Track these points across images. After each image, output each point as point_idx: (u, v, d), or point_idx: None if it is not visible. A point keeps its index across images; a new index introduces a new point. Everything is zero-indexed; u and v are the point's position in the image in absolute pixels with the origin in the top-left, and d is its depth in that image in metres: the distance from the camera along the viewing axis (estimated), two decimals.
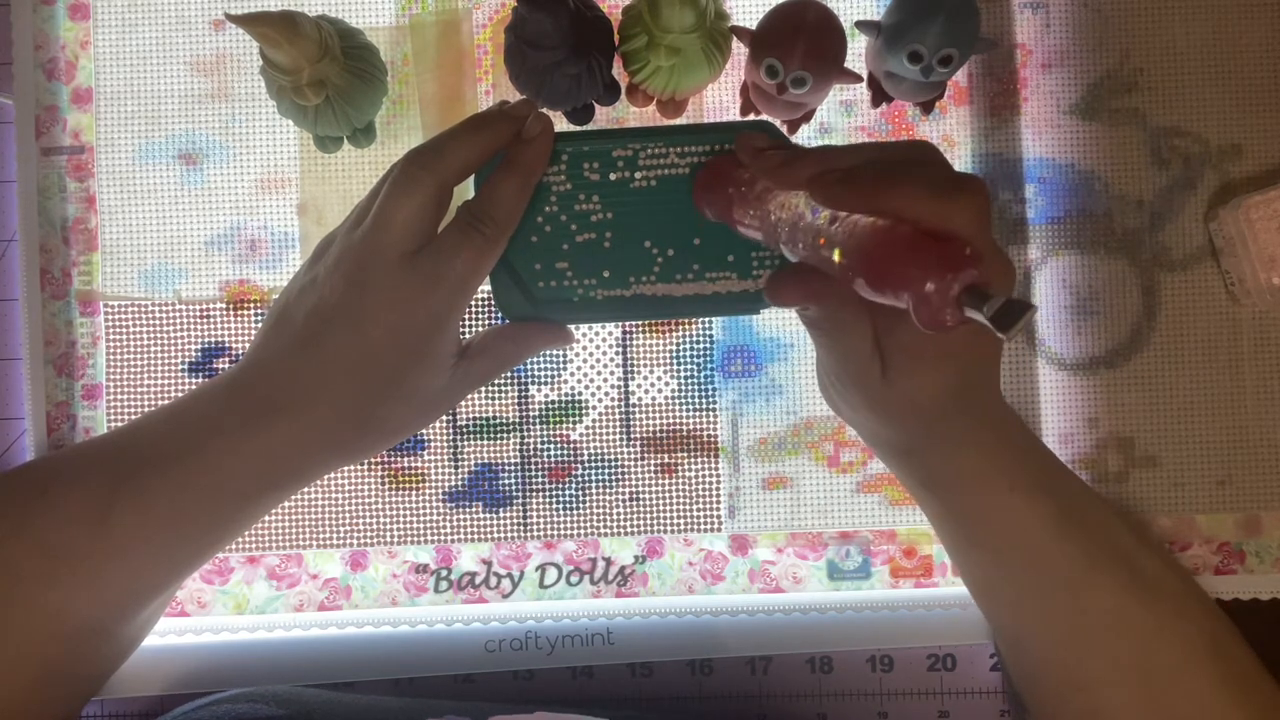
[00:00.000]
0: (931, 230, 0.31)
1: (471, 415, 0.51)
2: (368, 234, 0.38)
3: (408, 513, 0.51)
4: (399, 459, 0.51)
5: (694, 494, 0.51)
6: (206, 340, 0.51)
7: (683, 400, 0.51)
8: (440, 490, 0.51)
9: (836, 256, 0.33)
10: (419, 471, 0.51)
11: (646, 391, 0.51)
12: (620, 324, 0.51)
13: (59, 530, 0.37)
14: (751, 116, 0.50)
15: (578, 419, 0.51)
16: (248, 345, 0.47)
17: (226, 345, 0.51)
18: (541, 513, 0.51)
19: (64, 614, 0.38)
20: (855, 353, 0.37)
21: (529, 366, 0.51)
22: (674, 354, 0.51)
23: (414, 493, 0.51)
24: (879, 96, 0.50)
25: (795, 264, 0.37)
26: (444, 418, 0.51)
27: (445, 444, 0.51)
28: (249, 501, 0.39)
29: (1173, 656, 0.39)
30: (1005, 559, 0.40)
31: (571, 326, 0.44)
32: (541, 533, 0.51)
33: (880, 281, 0.31)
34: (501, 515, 0.51)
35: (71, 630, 0.38)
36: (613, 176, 0.41)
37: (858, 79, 0.45)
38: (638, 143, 0.40)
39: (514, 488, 0.51)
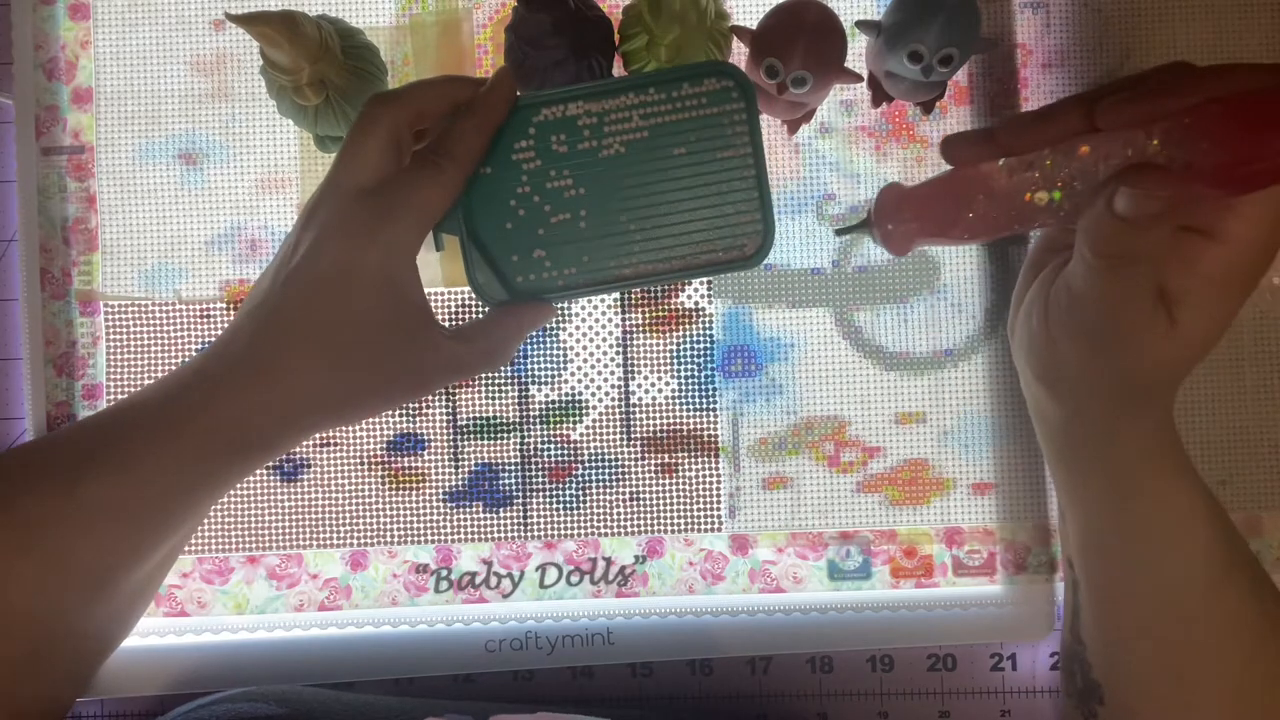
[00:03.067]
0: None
1: (471, 415, 0.51)
2: (329, 175, 0.39)
3: (408, 513, 0.51)
4: (399, 459, 0.51)
5: (694, 494, 0.51)
6: (206, 340, 0.51)
7: (683, 400, 0.51)
8: (440, 490, 0.51)
9: (1170, 161, 0.32)
10: (419, 471, 0.51)
11: (646, 391, 0.51)
12: (620, 324, 0.51)
13: (32, 505, 0.37)
14: None
15: (578, 419, 0.51)
16: None
17: None
18: (541, 513, 0.51)
19: (39, 588, 0.38)
20: (1136, 294, 0.36)
21: (529, 366, 0.51)
22: (674, 354, 0.51)
23: (414, 493, 0.51)
24: (879, 96, 0.50)
25: (1144, 164, 0.34)
26: (444, 418, 0.51)
27: (445, 444, 0.51)
28: (214, 466, 0.39)
29: (1274, 666, 0.39)
30: (1152, 546, 0.40)
31: (564, 318, 0.44)
32: (541, 533, 0.51)
33: (1247, 154, 0.30)
34: (501, 515, 0.51)
35: (48, 606, 0.38)
36: (580, 146, 0.41)
37: (858, 79, 0.45)
38: (602, 103, 0.40)
39: (514, 488, 0.51)
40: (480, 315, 0.51)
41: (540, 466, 0.51)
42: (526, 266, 0.41)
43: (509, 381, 0.51)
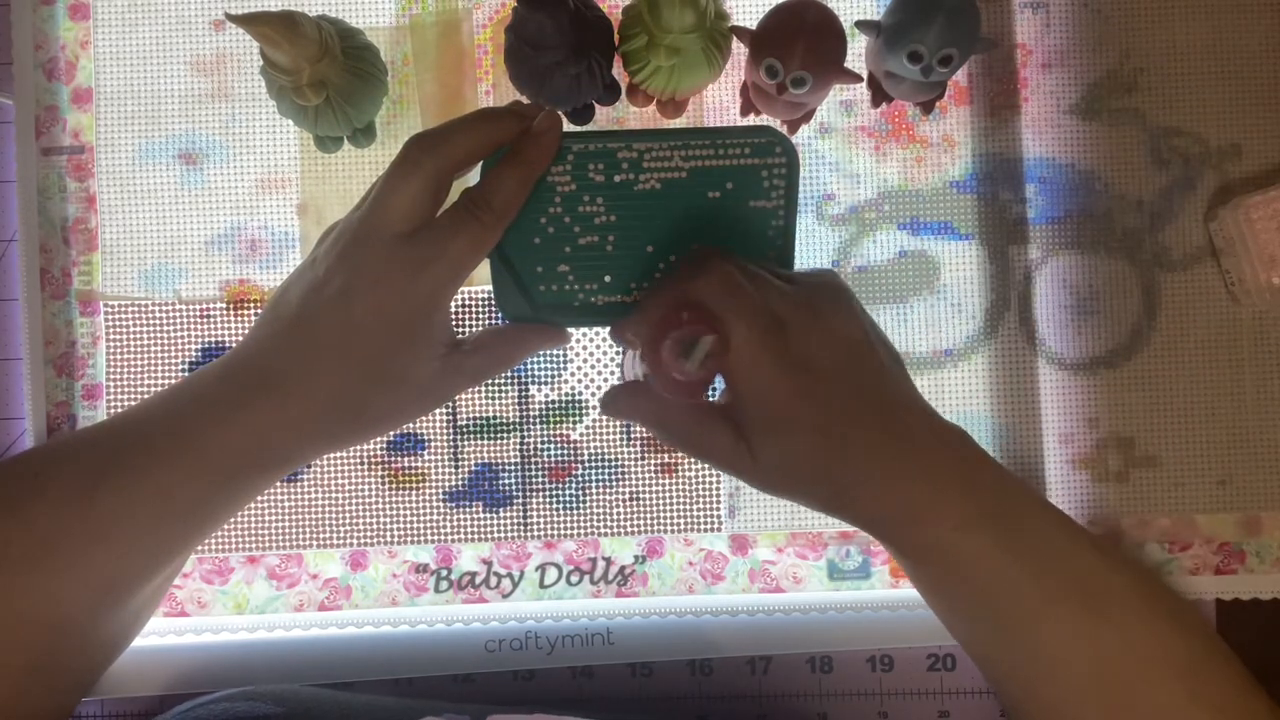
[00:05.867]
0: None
1: (471, 415, 0.51)
2: (364, 214, 0.38)
3: (408, 513, 0.51)
4: (399, 459, 0.51)
5: (694, 494, 0.51)
6: (206, 340, 0.51)
7: None
8: (440, 490, 0.51)
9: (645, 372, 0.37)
10: (419, 471, 0.51)
11: None
12: None
13: (48, 513, 0.37)
14: (752, 117, 0.50)
15: (578, 419, 0.51)
16: None
17: (226, 345, 0.51)
18: (541, 513, 0.51)
19: (51, 598, 0.38)
20: (717, 450, 0.38)
21: (529, 366, 0.51)
22: None
23: (414, 493, 0.51)
24: (879, 96, 0.50)
25: (629, 383, 0.40)
26: (444, 418, 0.51)
27: (445, 444, 0.51)
28: (233, 481, 0.39)
29: (1139, 675, 0.38)
30: (957, 595, 0.40)
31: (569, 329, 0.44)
32: (541, 533, 0.51)
33: (653, 374, 0.36)
34: (501, 515, 0.51)
35: (59, 617, 0.38)
36: (617, 178, 0.41)
37: (858, 79, 0.45)
38: (644, 143, 0.40)
39: (514, 488, 0.51)
40: (494, 323, 0.52)
41: (540, 466, 0.51)
42: (549, 279, 0.41)
43: (509, 381, 0.51)
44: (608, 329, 0.41)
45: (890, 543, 0.40)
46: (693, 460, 0.51)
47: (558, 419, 0.51)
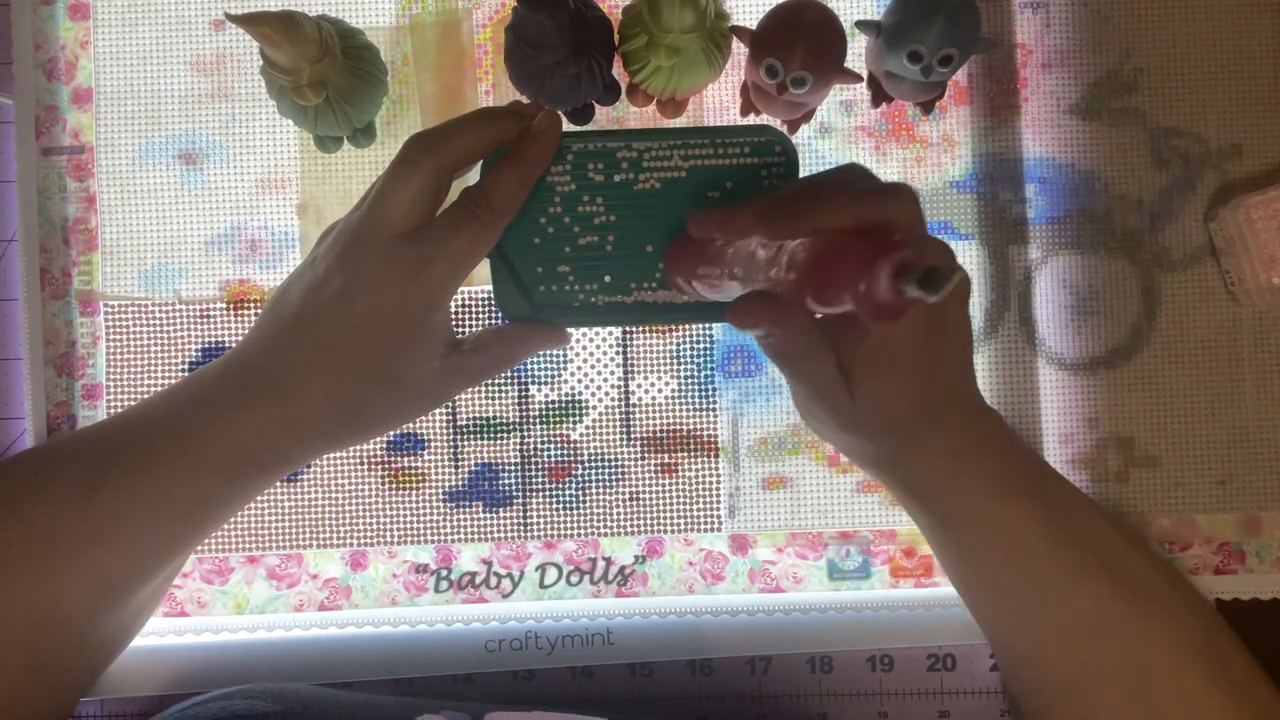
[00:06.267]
0: (863, 231, 0.32)
1: (471, 415, 0.51)
2: (364, 214, 0.38)
3: (408, 513, 0.51)
4: (399, 459, 0.51)
5: (694, 494, 0.51)
6: (206, 340, 0.51)
7: (683, 400, 0.51)
8: (440, 490, 0.51)
9: (785, 275, 0.34)
10: (419, 471, 0.51)
11: (646, 391, 0.51)
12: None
13: (48, 513, 0.37)
14: (752, 117, 0.50)
15: (578, 419, 0.51)
16: None
17: (226, 345, 0.51)
18: (541, 513, 0.51)
19: (51, 598, 0.38)
20: (821, 376, 0.38)
21: (529, 366, 0.51)
22: (674, 354, 0.51)
23: (414, 493, 0.51)
24: (879, 96, 0.50)
25: (759, 291, 0.37)
26: (444, 418, 0.51)
27: (445, 444, 0.51)
28: (233, 481, 0.39)
29: (1163, 658, 0.38)
30: (992, 565, 0.40)
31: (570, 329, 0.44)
32: (541, 533, 0.51)
33: (825, 285, 0.32)
34: (501, 515, 0.51)
35: (59, 616, 0.38)
36: (617, 178, 0.41)
37: (858, 79, 0.45)
38: (644, 143, 0.40)
39: (514, 488, 0.51)
40: (494, 323, 0.52)
41: (540, 466, 0.51)
42: (549, 279, 0.41)
43: (509, 381, 0.51)
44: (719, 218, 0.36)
45: (929, 507, 0.40)
46: (693, 460, 0.51)
47: (558, 419, 0.51)
